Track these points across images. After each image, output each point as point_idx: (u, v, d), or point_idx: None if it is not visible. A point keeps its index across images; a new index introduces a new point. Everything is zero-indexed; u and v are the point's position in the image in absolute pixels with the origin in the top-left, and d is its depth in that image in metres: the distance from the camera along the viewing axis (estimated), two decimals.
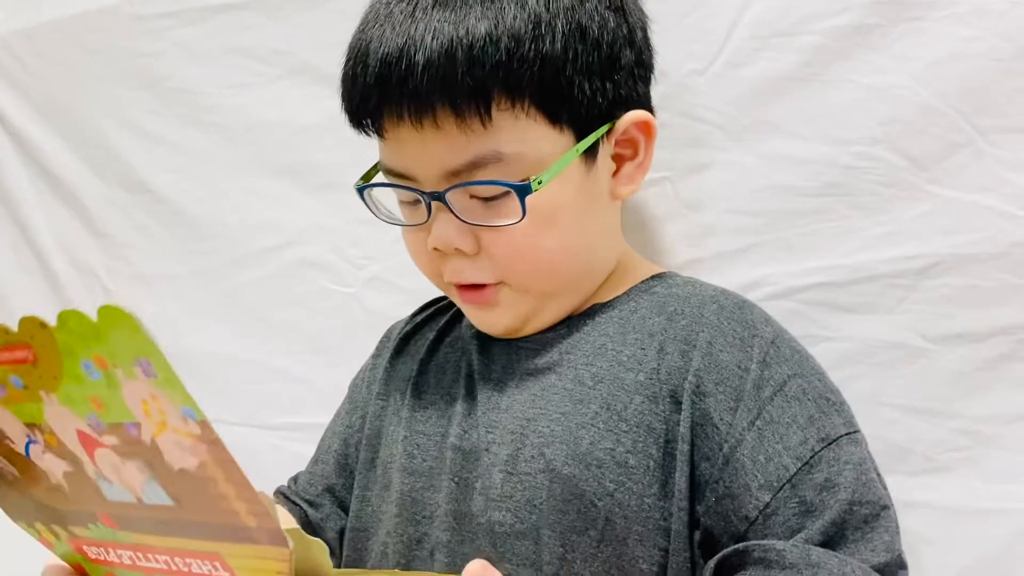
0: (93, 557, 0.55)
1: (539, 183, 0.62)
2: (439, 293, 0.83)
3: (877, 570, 0.58)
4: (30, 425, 0.48)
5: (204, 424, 0.40)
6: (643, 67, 0.69)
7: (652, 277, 0.73)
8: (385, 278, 1.06)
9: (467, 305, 0.71)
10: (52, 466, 0.50)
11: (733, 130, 0.86)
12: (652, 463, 0.62)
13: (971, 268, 0.79)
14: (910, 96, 0.80)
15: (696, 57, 0.86)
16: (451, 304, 0.81)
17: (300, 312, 1.11)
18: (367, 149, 1.11)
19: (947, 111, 0.79)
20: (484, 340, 0.74)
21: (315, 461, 0.87)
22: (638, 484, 0.62)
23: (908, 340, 0.82)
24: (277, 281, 1.12)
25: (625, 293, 0.71)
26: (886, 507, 0.61)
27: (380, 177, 0.73)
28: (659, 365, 0.64)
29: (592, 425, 0.64)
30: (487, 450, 0.67)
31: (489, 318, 0.71)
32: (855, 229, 0.83)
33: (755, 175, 0.86)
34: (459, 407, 0.71)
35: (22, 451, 0.51)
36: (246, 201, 1.14)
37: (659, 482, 0.62)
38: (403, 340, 0.83)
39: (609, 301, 0.71)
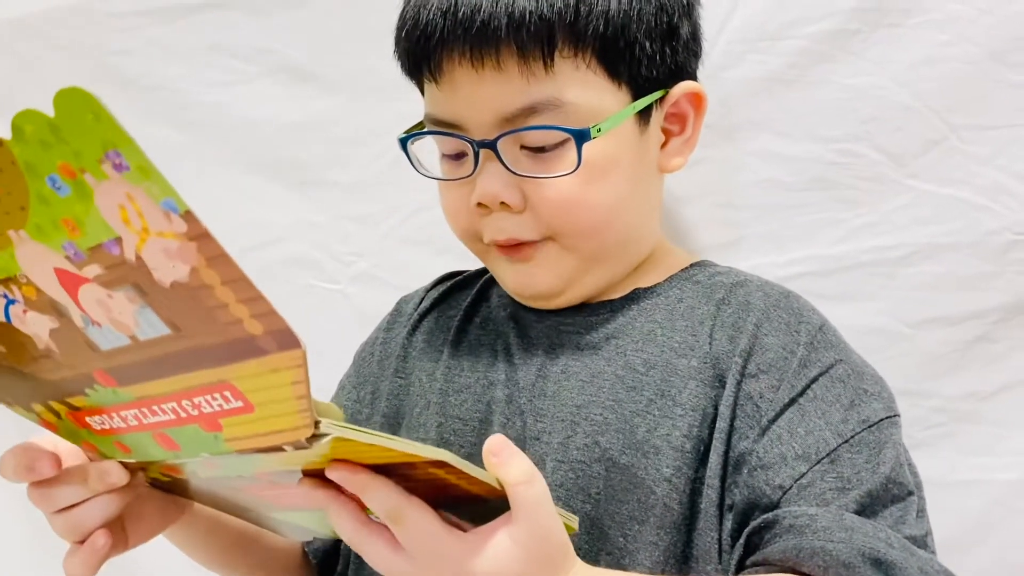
0: (98, 428, 0.52)
1: (598, 130, 0.62)
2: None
3: (910, 540, 0.57)
4: (4, 282, 0.44)
5: (189, 216, 0.36)
6: (696, 43, 0.70)
7: (691, 265, 0.72)
8: (374, 274, 1.07)
9: (507, 264, 0.69)
10: (36, 327, 0.46)
11: (721, 128, 0.91)
12: (703, 447, 0.62)
13: (947, 256, 0.85)
14: (889, 96, 0.86)
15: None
16: (471, 281, 0.80)
17: (285, 310, 1.08)
18: (353, 147, 1.13)
19: (923, 110, 0.85)
20: (522, 322, 0.72)
21: None
22: (691, 469, 0.61)
23: (888, 325, 0.87)
24: (260, 280, 1.06)
25: (667, 280, 0.70)
26: (911, 493, 0.61)
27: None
28: (710, 350, 0.64)
29: (647, 412, 0.63)
30: (537, 439, 0.66)
31: (529, 278, 0.68)
32: (838, 221, 0.88)
33: (742, 171, 0.91)
34: (499, 393, 0.70)
35: (1, 317, 0.46)
36: (226, 200, 1.12)
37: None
38: (421, 317, 0.80)
39: (651, 287, 0.70)
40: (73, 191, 0.38)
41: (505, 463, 0.48)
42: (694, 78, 0.70)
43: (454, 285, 0.82)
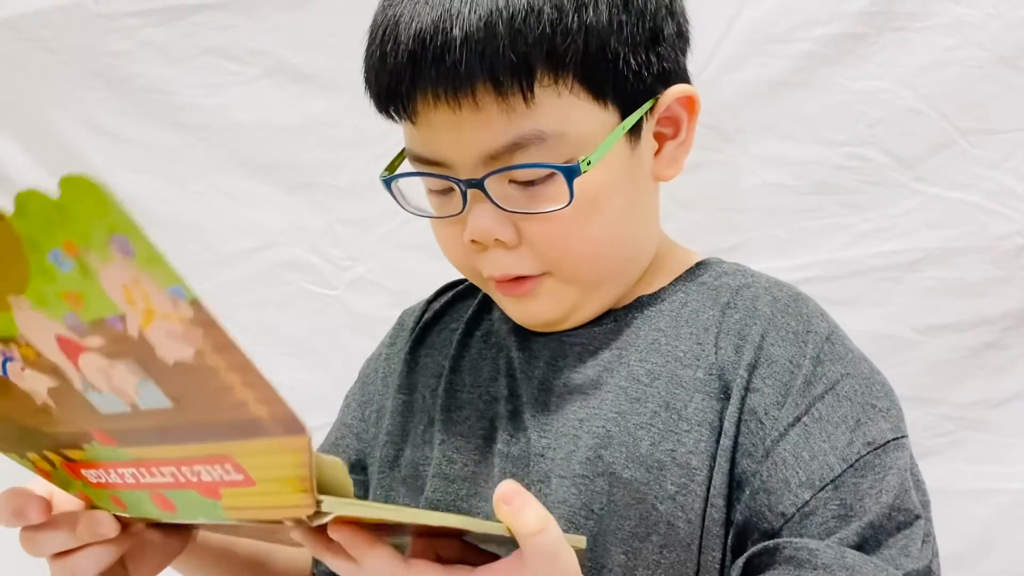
0: (94, 482, 0.50)
1: (588, 164, 0.58)
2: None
3: (912, 574, 0.55)
4: (4, 341, 0.43)
5: (196, 304, 0.35)
6: (683, 39, 0.65)
7: (697, 265, 0.69)
8: (371, 279, 1.06)
9: (506, 298, 0.66)
10: (35, 384, 0.45)
11: (726, 131, 0.90)
12: (712, 462, 0.59)
13: (956, 261, 0.84)
14: (896, 100, 0.85)
15: (690, 61, 0.89)
16: (473, 291, 0.77)
17: (280, 315, 1.09)
18: (349, 150, 1.11)
19: (931, 114, 0.84)
20: (523, 336, 0.69)
21: (327, 453, 0.82)
22: (700, 486, 0.59)
23: (897, 331, 0.86)
24: (254, 284, 1.10)
25: (671, 284, 0.67)
26: (919, 517, 0.58)
27: (407, 166, 0.67)
28: (715, 360, 0.62)
29: (651, 425, 0.61)
30: (542, 455, 0.64)
31: (530, 310, 0.66)
32: (845, 226, 0.87)
33: (747, 174, 0.90)
34: (502, 409, 0.67)
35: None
36: (220, 202, 1.11)
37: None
38: (423, 330, 0.77)
39: (655, 293, 0.67)
40: (76, 268, 0.37)
41: (518, 512, 0.46)
42: (685, 76, 0.66)
43: (456, 295, 0.79)
